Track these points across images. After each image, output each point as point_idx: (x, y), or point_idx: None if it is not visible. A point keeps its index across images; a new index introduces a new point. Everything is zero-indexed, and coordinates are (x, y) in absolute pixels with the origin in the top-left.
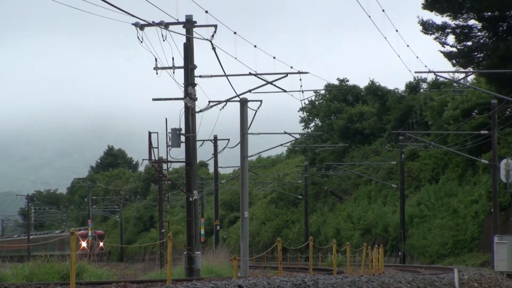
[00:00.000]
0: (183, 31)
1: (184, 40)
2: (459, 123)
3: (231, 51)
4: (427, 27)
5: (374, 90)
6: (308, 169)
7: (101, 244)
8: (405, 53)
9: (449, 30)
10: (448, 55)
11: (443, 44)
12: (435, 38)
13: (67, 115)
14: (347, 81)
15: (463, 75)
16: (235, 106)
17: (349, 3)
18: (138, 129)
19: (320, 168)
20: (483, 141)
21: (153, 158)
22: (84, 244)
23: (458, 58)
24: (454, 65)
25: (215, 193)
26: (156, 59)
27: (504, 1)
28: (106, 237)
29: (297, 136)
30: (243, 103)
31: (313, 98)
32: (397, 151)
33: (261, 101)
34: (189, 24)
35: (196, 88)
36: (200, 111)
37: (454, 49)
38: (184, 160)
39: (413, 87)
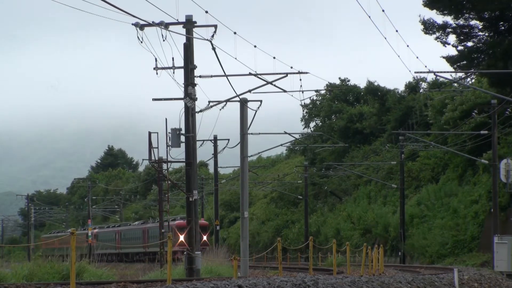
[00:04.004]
0: (183, 31)
1: (184, 40)
2: (458, 124)
3: (231, 51)
4: (428, 27)
5: (373, 90)
6: (308, 169)
7: (205, 238)
8: (405, 54)
9: (450, 30)
10: (450, 60)
11: (444, 43)
12: (436, 38)
13: (67, 115)
14: (348, 81)
15: (463, 75)
16: (235, 106)
17: (349, 3)
18: (138, 129)
19: (320, 168)
20: (483, 141)
21: (153, 158)
22: (181, 238)
23: (459, 61)
24: (455, 69)
25: (215, 193)
26: (156, 59)
27: (504, 1)
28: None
29: (297, 136)
30: (243, 103)
31: (314, 97)
32: (397, 151)
33: (261, 101)
34: (189, 24)
35: (196, 88)
36: (200, 111)
37: (455, 52)
38: (184, 160)
39: (413, 87)
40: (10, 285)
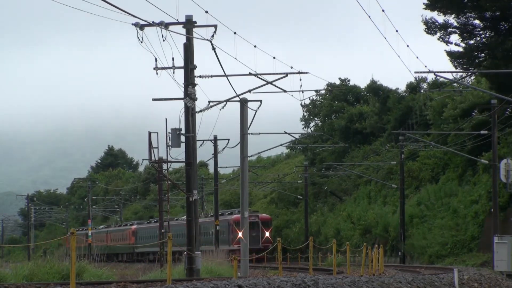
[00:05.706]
0: (183, 31)
1: (184, 40)
2: (458, 123)
3: (231, 51)
4: (430, 26)
5: (375, 89)
6: (308, 169)
7: (267, 234)
8: (405, 54)
9: (452, 29)
10: (452, 55)
11: (447, 43)
12: (439, 38)
13: (67, 115)
14: (349, 81)
15: (463, 75)
16: (235, 106)
17: (349, 3)
18: (138, 129)
19: (320, 168)
20: (483, 141)
21: (153, 158)
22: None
23: (461, 58)
24: (456, 67)
25: (215, 193)
26: (156, 59)
27: (505, 0)
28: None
29: (297, 136)
30: (243, 103)
31: (314, 97)
32: (397, 151)
33: (261, 101)
34: (189, 24)
35: (196, 88)
36: (200, 111)
37: (458, 48)
38: (184, 160)
39: (413, 87)
40: (10, 285)
